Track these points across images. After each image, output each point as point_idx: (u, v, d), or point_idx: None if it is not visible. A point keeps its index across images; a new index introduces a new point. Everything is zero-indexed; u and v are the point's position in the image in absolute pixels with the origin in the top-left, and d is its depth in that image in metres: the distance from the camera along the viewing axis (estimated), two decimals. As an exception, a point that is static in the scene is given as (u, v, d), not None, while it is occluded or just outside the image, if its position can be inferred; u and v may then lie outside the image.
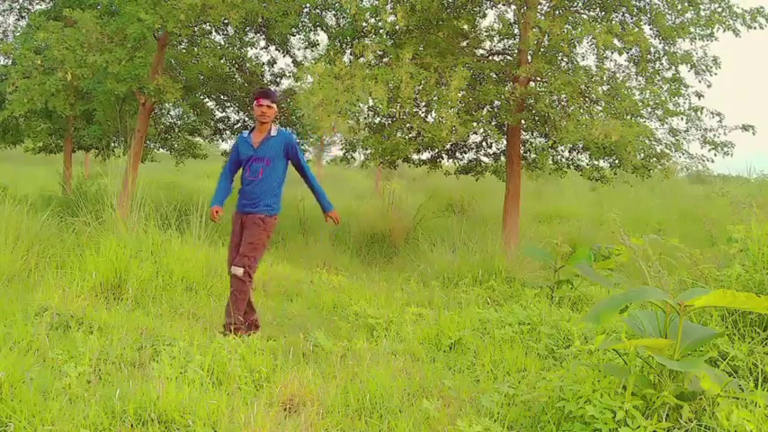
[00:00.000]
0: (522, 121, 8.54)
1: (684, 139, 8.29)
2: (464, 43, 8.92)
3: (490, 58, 9.04)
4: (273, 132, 4.61)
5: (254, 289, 4.73)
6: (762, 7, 7.81)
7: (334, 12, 9.15)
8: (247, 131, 4.75)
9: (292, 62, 10.25)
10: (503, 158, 9.64)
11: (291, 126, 10.19)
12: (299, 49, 10.31)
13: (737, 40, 11.58)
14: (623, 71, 8.60)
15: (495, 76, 8.68)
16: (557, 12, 8.18)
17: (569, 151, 9.27)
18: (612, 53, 8.17)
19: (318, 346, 4.12)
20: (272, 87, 10.54)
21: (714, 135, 8.24)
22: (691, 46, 8.38)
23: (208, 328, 4.50)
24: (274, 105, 4.62)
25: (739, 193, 5.50)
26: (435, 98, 7.58)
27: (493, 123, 8.48)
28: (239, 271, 4.42)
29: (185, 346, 3.69)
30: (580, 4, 8.57)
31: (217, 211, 4.71)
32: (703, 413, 2.66)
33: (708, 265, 4.12)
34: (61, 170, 12.13)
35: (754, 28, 7.88)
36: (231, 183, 4.84)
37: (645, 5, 8.22)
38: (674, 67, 8.23)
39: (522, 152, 9.07)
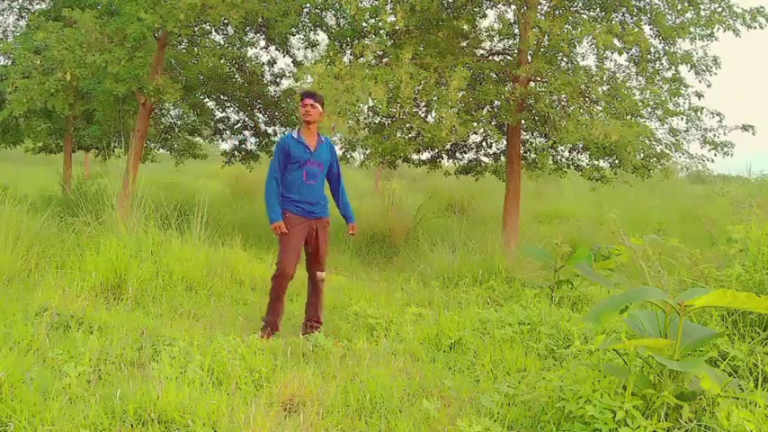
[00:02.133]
0: (522, 121, 8.54)
1: (684, 139, 8.29)
2: (464, 43, 8.92)
3: (490, 58, 9.03)
4: (323, 138, 4.74)
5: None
6: (762, 7, 7.81)
7: (333, 12, 9.15)
8: (295, 132, 4.75)
9: (292, 62, 10.25)
10: (503, 158, 9.63)
11: (291, 126, 10.18)
12: (298, 49, 10.32)
13: (737, 40, 11.59)
14: (623, 71, 8.59)
15: (495, 76, 8.67)
16: (557, 12, 8.18)
17: (569, 151, 9.26)
18: (612, 53, 8.16)
19: (318, 346, 4.12)
20: (272, 87, 10.55)
21: (714, 135, 8.24)
22: (691, 46, 8.40)
23: (208, 328, 4.50)
24: (318, 105, 4.66)
25: (739, 193, 5.51)
26: (435, 98, 7.58)
27: (493, 123, 8.48)
28: (324, 275, 4.83)
29: (185, 346, 3.69)
30: (580, 4, 8.56)
31: (281, 226, 4.61)
32: (703, 413, 2.66)
33: (708, 265, 4.12)
34: (61, 170, 12.12)
35: (754, 28, 7.88)
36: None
37: (645, 5, 8.21)
38: (674, 67, 8.22)
39: (522, 152, 9.07)
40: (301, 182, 4.62)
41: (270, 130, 10.85)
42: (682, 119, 8.22)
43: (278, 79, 10.61)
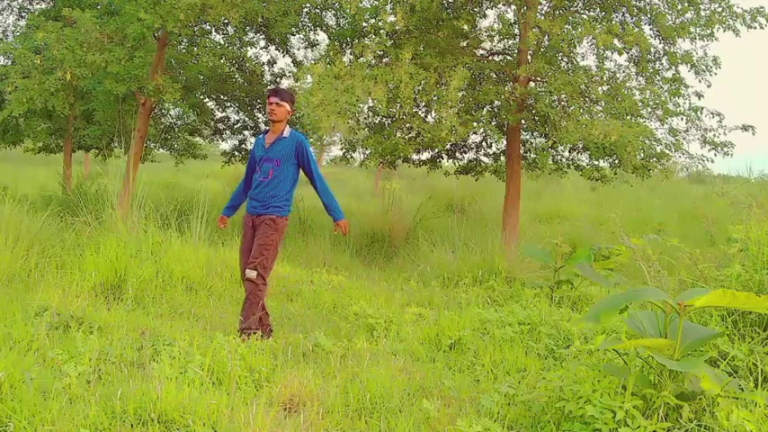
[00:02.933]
0: (522, 121, 8.54)
1: (684, 139, 8.30)
2: (464, 43, 8.92)
3: (490, 58, 9.03)
4: (286, 133, 4.61)
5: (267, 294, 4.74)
6: (762, 7, 7.82)
7: (333, 12, 9.15)
8: (263, 133, 4.78)
9: (292, 62, 10.26)
10: (503, 158, 9.64)
11: (291, 126, 10.18)
12: (298, 49, 10.33)
13: (737, 40, 11.59)
14: (623, 71, 8.60)
15: (495, 76, 8.67)
16: (557, 12, 8.18)
17: (569, 151, 9.27)
18: (612, 53, 8.17)
19: (318, 346, 4.12)
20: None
21: (714, 135, 8.24)
22: (691, 46, 8.41)
23: (208, 328, 4.50)
24: (285, 103, 4.59)
25: (739, 193, 5.51)
26: (435, 98, 7.58)
27: (493, 123, 8.48)
28: (252, 274, 4.40)
29: (185, 346, 3.69)
30: (580, 4, 8.56)
31: (222, 220, 4.92)
32: (703, 413, 2.66)
33: (708, 265, 4.12)
34: (61, 170, 12.14)
35: (754, 28, 7.89)
36: (248, 187, 4.78)
37: (645, 5, 8.22)
38: (674, 67, 8.23)
39: (522, 152, 9.07)
40: (256, 179, 4.63)
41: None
42: (682, 119, 8.23)
43: (278, 79, 10.61)
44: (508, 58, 8.98)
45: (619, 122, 7.20)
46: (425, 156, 9.83)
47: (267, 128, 4.81)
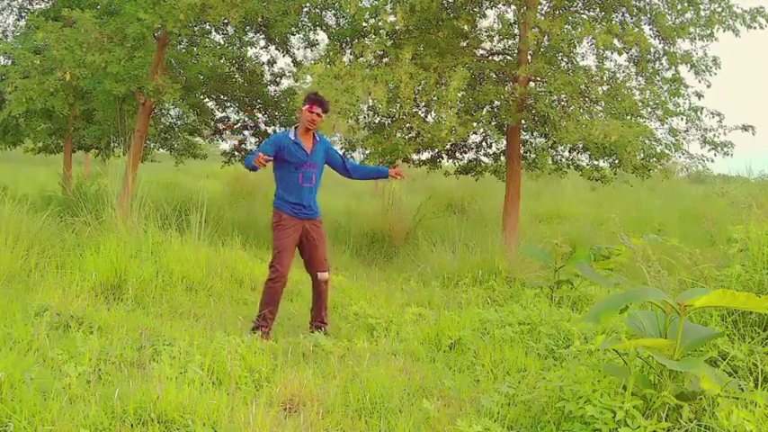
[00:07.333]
0: (522, 121, 8.54)
1: (684, 139, 8.30)
2: (464, 43, 8.91)
3: (490, 58, 9.03)
4: (317, 138, 4.69)
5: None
6: (762, 7, 7.82)
7: (333, 12, 9.15)
8: (292, 132, 4.63)
9: (292, 62, 10.26)
10: (503, 158, 9.63)
11: (291, 126, 10.19)
12: (298, 49, 10.33)
13: (737, 40, 11.61)
14: (623, 71, 8.60)
15: (495, 76, 8.66)
16: (557, 12, 8.18)
17: (569, 151, 9.26)
18: (612, 53, 8.17)
19: (318, 347, 4.12)
20: (272, 87, 10.55)
21: (714, 135, 8.24)
22: (691, 46, 8.39)
23: (208, 328, 4.50)
24: (324, 115, 4.63)
25: (739, 193, 5.51)
26: (435, 98, 7.58)
27: (493, 123, 8.47)
28: (327, 275, 4.75)
29: (185, 346, 3.69)
30: (580, 4, 8.56)
31: (267, 159, 4.31)
32: (703, 413, 2.66)
33: (708, 265, 4.12)
34: (61, 170, 12.13)
35: (754, 28, 7.89)
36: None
37: (645, 5, 8.22)
38: (674, 67, 8.23)
39: (522, 152, 9.07)
40: (298, 184, 4.57)
41: (270, 130, 10.86)
42: (682, 119, 8.23)
43: (278, 79, 10.62)
44: (508, 58, 8.97)
45: (619, 122, 7.20)
46: (425, 156, 9.83)
47: (294, 127, 4.71)
